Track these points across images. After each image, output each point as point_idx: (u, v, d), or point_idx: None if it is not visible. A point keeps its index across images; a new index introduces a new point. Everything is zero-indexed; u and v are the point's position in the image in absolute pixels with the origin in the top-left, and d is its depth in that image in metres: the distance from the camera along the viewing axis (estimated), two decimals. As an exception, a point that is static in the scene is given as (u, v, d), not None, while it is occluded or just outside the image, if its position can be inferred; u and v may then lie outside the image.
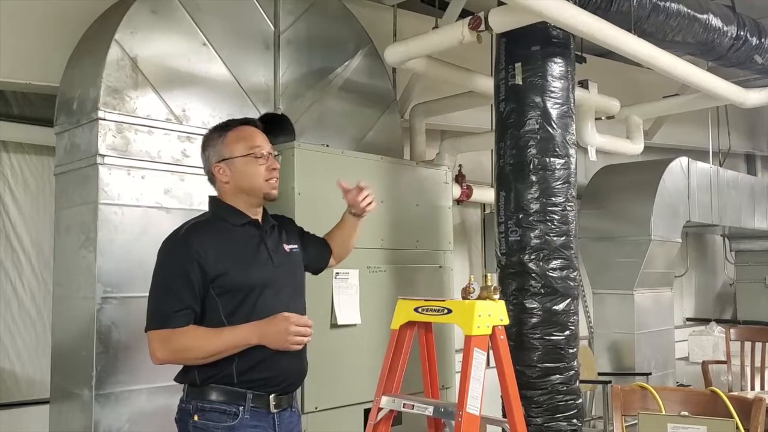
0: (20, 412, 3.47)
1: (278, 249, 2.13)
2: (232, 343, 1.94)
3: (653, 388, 2.48)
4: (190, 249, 1.96)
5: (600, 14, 3.31)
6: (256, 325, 1.96)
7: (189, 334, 1.94)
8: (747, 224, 6.63)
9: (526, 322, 3.17)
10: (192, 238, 2.00)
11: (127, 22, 2.84)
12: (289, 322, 1.97)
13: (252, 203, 2.11)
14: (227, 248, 2.01)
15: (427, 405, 2.34)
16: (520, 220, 3.22)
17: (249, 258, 2.04)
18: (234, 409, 1.96)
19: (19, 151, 3.65)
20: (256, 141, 2.10)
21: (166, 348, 1.94)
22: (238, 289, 1.99)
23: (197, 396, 1.99)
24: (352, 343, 3.23)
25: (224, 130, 2.13)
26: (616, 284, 5.44)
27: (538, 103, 3.23)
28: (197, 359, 1.95)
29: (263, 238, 2.10)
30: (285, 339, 1.96)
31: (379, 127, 3.79)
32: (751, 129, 7.80)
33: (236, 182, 2.08)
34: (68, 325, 2.84)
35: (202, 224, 2.08)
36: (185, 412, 2.00)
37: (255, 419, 1.98)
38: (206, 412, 1.96)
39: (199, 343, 1.94)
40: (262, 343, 1.96)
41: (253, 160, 2.08)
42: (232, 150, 2.08)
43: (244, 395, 1.97)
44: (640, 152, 5.17)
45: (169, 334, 1.93)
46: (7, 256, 3.60)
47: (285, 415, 2.06)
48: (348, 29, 3.71)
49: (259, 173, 2.08)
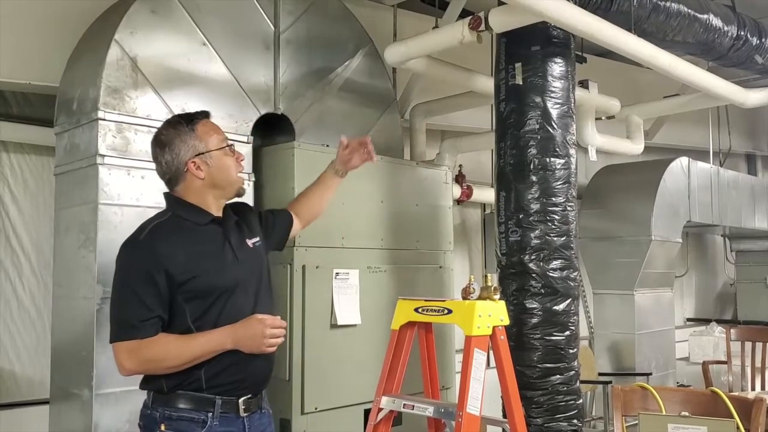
0: (20, 412, 3.47)
1: (242, 246, 2.04)
2: (206, 350, 1.88)
3: (654, 388, 2.47)
4: (157, 254, 1.87)
5: (600, 14, 3.31)
6: (231, 329, 1.90)
7: (159, 343, 1.86)
8: (747, 224, 6.63)
9: (526, 322, 3.17)
10: (157, 241, 1.90)
11: (126, 22, 2.84)
12: (264, 324, 1.91)
13: (222, 199, 2.04)
14: (194, 251, 1.92)
15: (427, 405, 2.34)
16: (520, 220, 3.22)
17: (216, 260, 1.95)
18: (203, 417, 1.89)
19: (19, 151, 3.65)
20: (222, 134, 2.05)
21: (135, 359, 1.86)
22: (208, 293, 1.91)
23: (164, 403, 1.91)
24: (352, 344, 3.23)
25: (191, 123, 2.00)
26: (616, 284, 5.43)
27: (539, 103, 3.23)
28: (170, 368, 1.87)
29: (227, 237, 2.01)
30: (261, 342, 1.90)
31: (379, 127, 3.79)
32: (751, 129, 7.80)
33: (212, 177, 1.99)
34: (68, 325, 2.84)
35: (164, 225, 1.96)
36: (151, 420, 1.93)
37: (224, 425, 1.92)
38: (173, 420, 1.89)
39: (172, 353, 1.86)
40: (236, 347, 1.90)
41: (227, 153, 2.02)
42: (207, 143, 1.99)
43: (213, 401, 1.90)
44: (640, 152, 5.17)
45: (138, 345, 1.85)
46: (7, 256, 3.60)
47: (255, 418, 2.01)
48: (348, 29, 3.71)
49: (232, 167, 2.03)
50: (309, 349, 3.05)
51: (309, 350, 3.05)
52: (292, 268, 3.05)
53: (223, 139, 2.04)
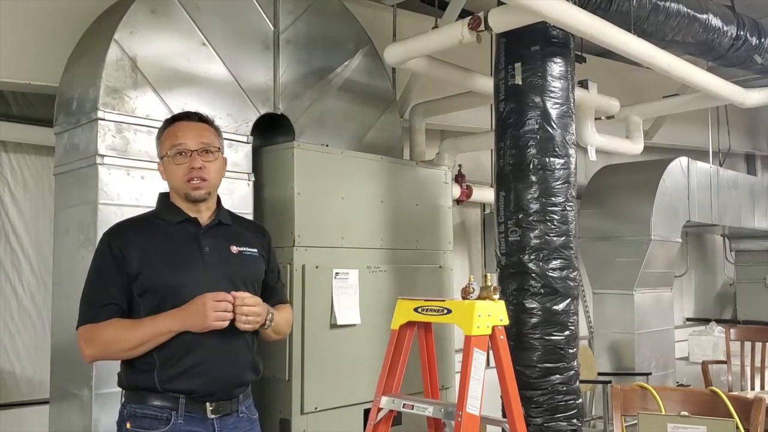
0: (20, 413, 3.47)
1: (219, 249, 2.02)
2: (154, 331, 1.88)
3: (653, 388, 2.48)
4: (111, 247, 1.95)
5: (600, 14, 3.31)
6: (176, 310, 1.89)
7: (110, 327, 1.90)
8: (747, 224, 6.63)
9: (525, 322, 3.17)
10: (113, 236, 1.98)
11: (126, 22, 2.84)
12: (205, 297, 1.87)
13: (185, 202, 2.04)
14: (151, 247, 1.95)
15: (427, 405, 2.34)
16: (519, 220, 3.22)
17: (172, 258, 1.96)
18: (166, 414, 1.89)
19: (19, 151, 3.65)
20: (177, 138, 2.01)
21: (91, 344, 1.91)
22: (155, 290, 1.93)
23: (131, 400, 1.94)
24: (352, 344, 3.23)
25: (164, 127, 2.07)
26: (616, 284, 5.43)
27: (538, 103, 3.23)
28: (123, 351, 1.91)
29: (198, 237, 2.01)
30: (205, 316, 1.86)
31: (379, 126, 3.79)
32: (751, 129, 7.80)
33: (168, 182, 2.06)
34: (68, 325, 2.82)
35: (131, 222, 2.07)
36: (120, 417, 1.96)
37: (190, 424, 1.90)
38: (138, 418, 1.91)
39: (121, 336, 1.89)
40: (185, 328, 1.88)
41: (173, 158, 2.00)
42: (162, 149, 2.05)
43: (177, 399, 1.89)
44: (640, 152, 5.16)
45: (92, 329, 1.91)
46: (7, 257, 3.60)
47: (229, 421, 1.97)
48: (348, 29, 3.71)
49: (177, 173, 2.01)
50: (309, 349, 3.05)
51: (309, 350, 3.05)
52: (291, 267, 3.05)
53: (174, 144, 2.01)
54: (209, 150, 2.03)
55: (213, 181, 2.05)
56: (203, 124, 2.08)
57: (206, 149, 2.03)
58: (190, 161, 2.00)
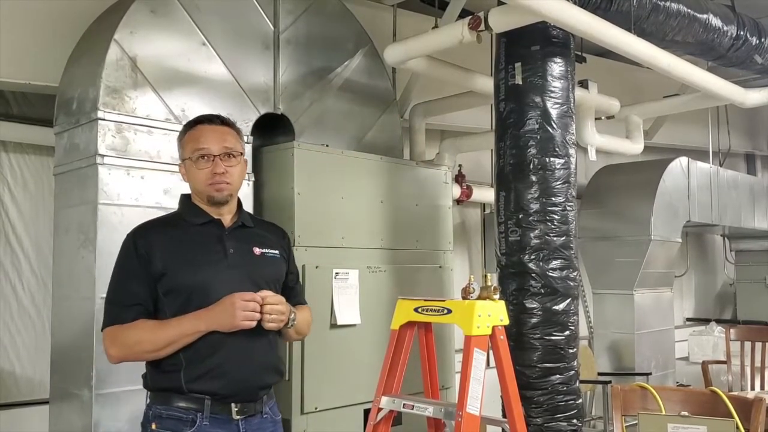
0: (20, 413, 3.47)
1: (242, 250, 2.04)
2: (180, 332, 1.89)
3: (653, 388, 2.47)
4: (136, 247, 1.96)
5: (600, 14, 3.31)
6: (203, 310, 1.90)
7: (136, 328, 1.91)
8: (747, 224, 6.63)
9: (526, 322, 3.17)
10: (138, 236, 1.99)
11: (126, 21, 2.84)
12: (233, 297, 1.89)
13: (205, 204, 2.05)
14: (175, 248, 1.97)
15: (427, 405, 2.34)
16: (520, 220, 3.22)
17: (197, 258, 1.97)
18: (191, 416, 1.90)
19: (19, 151, 3.65)
20: (200, 142, 2.02)
21: (116, 345, 1.92)
22: (180, 290, 1.94)
23: (156, 401, 1.95)
24: (352, 343, 3.23)
25: (185, 130, 2.08)
26: (616, 284, 5.43)
27: (538, 103, 3.23)
28: (148, 352, 1.91)
29: (222, 238, 2.02)
30: (233, 315, 1.87)
31: (379, 126, 3.79)
32: (751, 129, 7.80)
33: (190, 184, 2.07)
34: (68, 326, 2.84)
35: (155, 222, 2.08)
36: (146, 418, 1.97)
37: (215, 426, 1.91)
38: (163, 419, 1.92)
39: (147, 337, 1.90)
40: (211, 328, 1.89)
41: (195, 162, 2.01)
42: (184, 152, 2.06)
43: (202, 401, 1.90)
44: (640, 152, 5.16)
45: (118, 330, 1.92)
46: (7, 257, 3.60)
47: (254, 422, 1.98)
48: (348, 29, 3.71)
49: (199, 177, 2.01)
50: (309, 349, 3.05)
51: (309, 350, 3.05)
52: (291, 268, 3.04)
53: (197, 148, 2.01)
54: (231, 154, 2.04)
55: (235, 184, 2.07)
56: (225, 128, 2.08)
57: (229, 153, 2.04)
58: (212, 166, 2.01)
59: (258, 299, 1.91)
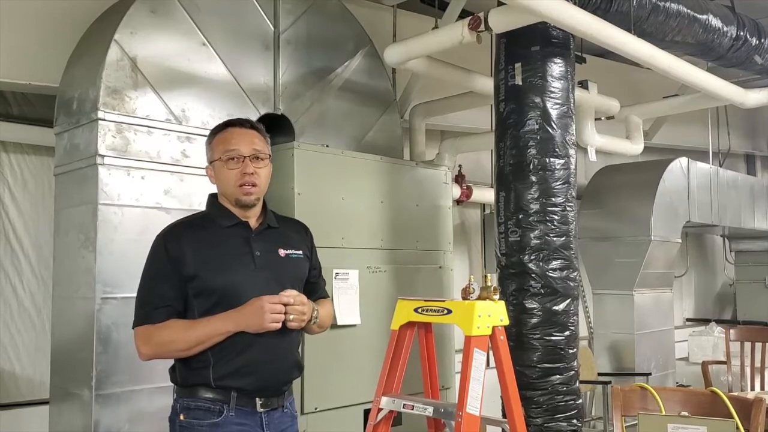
0: (20, 413, 3.47)
1: (268, 252, 2.09)
2: (210, 332, 1.94)
3: (653, 388, 2.47)
4: (166, 249, 2.00)
5: (600, 14, 3.31)
6: (232, 311, 1.96)
7: (168, 328, 1.96)
8: (747, 224, 6.63)
9: (526, 322, 3.17)
10: (169, 238, 2.03)
11: (126, 22, 2.84)
12: (262, 300, 1.94)
13: (234, 206, 2.09)
14: (205, 249, 2.01)
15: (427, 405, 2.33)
16: (520, 220, 3.22)
17: (226, 260, 2.02)
18: (218, 407, 1.96)
19: (19, 152, 3.65)
20: (230, 144, 2.06)
21: (148, 343, 1.98)
22: (211, 291, 1.99)
23: (184, 394, 2.01)
24: (352, 344, 3.23)
25: (215, 132, 2.12)
26: (616, 284, 5.43)
27: (538, 104, 3.23)
28: (179, 351, 1.97)
29: (249, 241, 2.07)
30: (261, 318, 1.93)
31: (379, 127, 3.79)
32: (751, 129, 7.80)
33: (218, 185, 2.11)
34: (68, 326, 2.84)
35: (185, 224, 2.11)
36: (173, 411, 2.03)
37: (241, 417, 1.98)
38: (191, 410, 1.98)
39: (177, 336, 1.95)
40: (240, 328, 1.95)
41: (225, 163, 2.05)
42: (213, 153, 2.09)
43: (229, 393, 1.97)
44: (640, 152, 5.17)
45: (150, 329, 1.97)
46: (7, 257, 3.60)
47: (275, 415, 2.05)
48: (348, 29, 3.71)
49: (229, 178, 2.05)
50: (309, 349, 3.05)
51: (309, 350, 3.05)
52: (291, 268, 3.04)
53: (227, 149, 2.05)
54: (260, 157, 2.09)
55: (263, 187, 2.12)
56: (254, 131, 2.13)
57: (257, 156, 2.08)
58: (242, 167, 2.05)
59: (284, 301, 1.97)
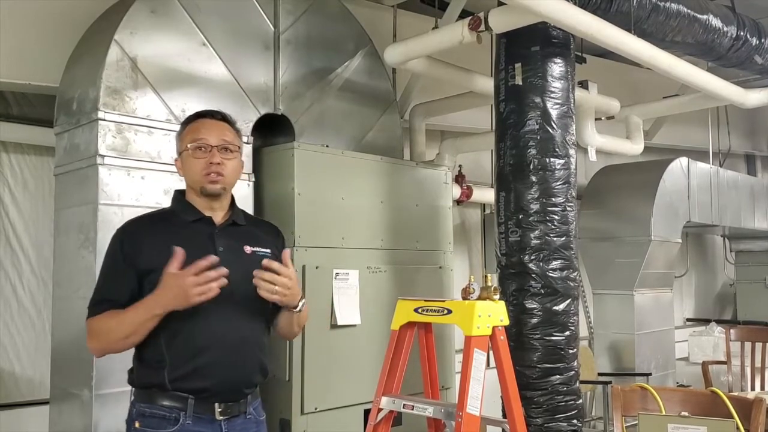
0: (20, 412, 3.47)
1: (232, 249, 2.01)
2: (139, 317, 1.86)
3: (653, 388, 2.47)
4: (121, 243, 1.97)
5: (600, 14, 3.31)
6: (153, 294, 1.87)
7: (104, 318, 1.92)
8: (747, 224, 6.63)
9: (526, 322, 3.17)
10: (127, 233, 2.00)
11: (126, 22, 2.84)
12: (179, 274, 1.82)
13: (200, 197, 2.03)
14: (163, 244, 1.91)
15: (427, 405, 2.34)
16: (520, 220, 3.22)
17: (186, 255, 1.89)
18: (175, 414, 1.88)
19: (19, 152, 3.65)
20: (199, 133, 2.02)
21: (91, 336, 1.94)
22: None
23: (140, 399, 1.94)
24: (352, 344, 3.23)
25: (185, 123, 2.09)
26: (616, 284, 5.43)
27: (538, 104, 3.23)
28: (119, 340, 1.90)
29: (213, 236, 2.00)
30: (186, 292, 1.81)
31: (379, 127, 3.79)
32: (751, 129, 7.80)
33: (185, 176, 2.06)
34: (68, 326, 2.84)
35: (146, 218, 2.09)
36: (130, 416, 1.97)
37: (198, 425, 1.89)
38: (146, 417, 1.91)
39: (111, 325, 1.90)
40: (168, 308, 1.85)
41: (192, 152, 2.01)
42: (182, 144, 2.06)
43: (186, 399, 1.89)
44: (640, 152, 5.17)
45: (92, 322, 1.94)
46: (7, 257, 3.60)
47: (237, 422, 1.96)
48: (348, 29, 3.71)
49: (195, 167, 2.01)
50: (309, 349, 3.05)
51: (309, 350, 3.05)
52: (291, 268, 3.04)
53: (195, 139, 2.01)
54: (229, 148, 2.04)
55: (229, 178, 2.05)
56: (225, 124, 2.09)
57: (226, 147, 2.04)
58: (209, 156, 2.01)
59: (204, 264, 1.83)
